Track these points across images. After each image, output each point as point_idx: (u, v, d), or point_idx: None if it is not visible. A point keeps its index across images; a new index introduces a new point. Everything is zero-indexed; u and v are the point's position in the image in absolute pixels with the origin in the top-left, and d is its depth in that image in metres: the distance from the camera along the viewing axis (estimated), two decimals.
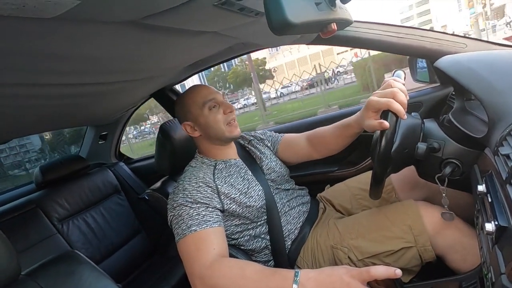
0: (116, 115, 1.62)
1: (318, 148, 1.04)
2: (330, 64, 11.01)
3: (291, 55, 46.03)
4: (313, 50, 42.20)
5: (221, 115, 0.93)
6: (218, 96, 0.95)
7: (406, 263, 0.80)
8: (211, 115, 0.92)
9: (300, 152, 1.08)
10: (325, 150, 1.03)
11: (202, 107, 0.92)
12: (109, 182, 1.73)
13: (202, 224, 0.77)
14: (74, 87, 0.84)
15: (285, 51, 45.09)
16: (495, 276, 0.45)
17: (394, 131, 0.69)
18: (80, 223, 1.51)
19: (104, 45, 0.61)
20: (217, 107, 0.93)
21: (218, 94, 0.96)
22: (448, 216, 0.77)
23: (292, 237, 0.95)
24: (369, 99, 0.76)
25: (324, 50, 39.16)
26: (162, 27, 0.60)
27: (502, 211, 0.47)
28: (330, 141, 0.99)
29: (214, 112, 0.93)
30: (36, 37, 0.49)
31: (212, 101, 0.93)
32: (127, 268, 1.54)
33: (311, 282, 0.61)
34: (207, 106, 0.92)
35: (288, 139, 1.11)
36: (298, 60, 45.57)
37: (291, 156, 1.10)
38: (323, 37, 0.53)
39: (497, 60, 0.80)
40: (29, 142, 20.67)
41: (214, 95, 0.94)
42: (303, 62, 42.87)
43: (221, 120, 0.93)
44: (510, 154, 0.49)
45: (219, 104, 0.94)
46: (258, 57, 38.48)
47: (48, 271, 0.68)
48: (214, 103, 0.93)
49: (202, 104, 0.92)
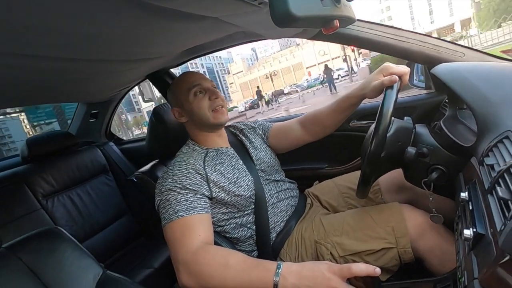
0: (109, 94, 1.59)
1: (312, 130, 1.06)
2: (286, 82, 11.59)
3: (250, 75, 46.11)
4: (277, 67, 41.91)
5: (206, 101, 0.94)
6: (204, 83, 0.96)
7: (385, 262, 0.82)
8: (196, 101, 0.93)
9: (292, 136, 1.09)
10: (319, 129, 1.05)
11: (187, 92, 0.93)
12: (97, 161, 1.71)
13: (189, 210, 0.78)
14: (68, 62, 0.82)
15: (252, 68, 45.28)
16: (468, 280, 0.46)
17: (386, 133, 0.70)
18: (65, 200, 1.49)
19: (101, 22, 0.59)
20: (203, 93, 0.94)
21: (204, 80, 0.97)
22: (437, 219, 0.78)
23: (277, 229, 0.96)
24: (385, 63, 0.85)
25: (294, 65, 38.94)
26: (162, 7, 0.58)
27: (481, 219, 0.48)
28: (326, 117, 1.01)
29: (199, 98, 0.94)
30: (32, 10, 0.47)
31: (198, 87, 0.94)
32: (111, 249, 1.54)
33: (292, 275, 0.62)
34: (193, 92, 0.93)
35: (279, 125, 1.13)
36: (250, 81, 45.55)
37: (283, 142, 1.11)
38: (325, 33, 0.53)
39: (493, 71, 0.82)
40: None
41: (200, 81, 0.95)
42: (255, 84, 43.01)
43: (206, 106, 0.93)
44: (495, 165, 0.51)
45: (205, 90, 0.95)
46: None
47: (30, 246, 0.67)
48: (199, 89, 0.94)
49: (188, 90, 0.93)
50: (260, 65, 46.59)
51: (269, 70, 42.39)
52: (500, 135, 0.56)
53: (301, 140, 1.09)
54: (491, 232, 0.44)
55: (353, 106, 0.96)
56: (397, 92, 0.75)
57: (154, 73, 1.46)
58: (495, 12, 18.97)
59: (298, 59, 41.11)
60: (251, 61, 48.25)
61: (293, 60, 41.83)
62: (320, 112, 1.03)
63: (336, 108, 0.98)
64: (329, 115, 1.00)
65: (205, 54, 1.33)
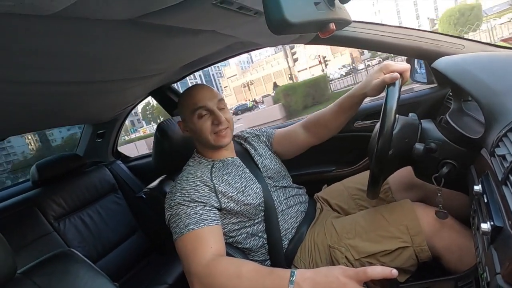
0: (113, 113, 1.61)
1: (316, 132, 1.05)
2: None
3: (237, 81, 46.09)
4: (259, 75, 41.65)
5: (209, 124, 0.92)
6: (210, 103, 0.92)
7: (402, 262, 0.80)
8: (199, 123, 0.92)
9: (297, 140, 1.08)
10: (323, 131, 1.04)
11: (192, 113, 0.92)
12: (106, 180, 1.72)
13: (199, 223, 0.77)
14: (70, 85, 0.84)
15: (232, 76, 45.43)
16: (490, 276, 0.45)
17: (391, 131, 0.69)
18: (76, 221, 1.50)
19: (101, 43, 0.60)
20: (207, 115, 0.92)
21: (210, 100, 0.92)
22: (442, 215, 0.78)
23: (289, 237, 0.95)
24: (386, 62, 0.86)
25: (285, 68, 39.00)
26: (160, 25, 0.59)
27: (497, 212, 0.47)
28: (329, 118, 1.01)
29: (203, 120, 0.92)
30: (33, 35, 0.48)
31: (202, 109, 0.91)
32: (124, 267, 1.54)
33: (307, 282, 0.61)
34: (197, 114, 0.92)
35: (282, 131, 1.13)
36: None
37: (288, 148, 1.10)
38: (321, 36, 0.53)
39: (495, 61, 0.81)
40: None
41: (205, 102, 0.91)
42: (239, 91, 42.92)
43: (208, 130, 0.92)
44: (506, 155, 0.50)
45: (210, 112, 0.92)
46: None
47: (44, 270, 0.67)
48: (204, 111, 0.92)
49: (193, 111, 0.92)
50: (253, 69, 46.47)
51: (248, 80, 42.29)
52: (509, 125, 0.55)
53: (306, 143, 1.08)
54: (509, 224, 0.42)
55: (355, 106, 0.95)
56: (400, 89, 0.75)
57: (156, 90, 1.48)
58: (455, 26, 19.92)
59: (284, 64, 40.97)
60: (247, 64, 48.38)
61: (279, 66, 41.53)
62: (322, 114, 1.03)
63: (338, 109, 0.97)
64: (332, 117, 1.00)
65: (205, 67, 1.35)
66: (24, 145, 20.31)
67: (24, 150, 18.26)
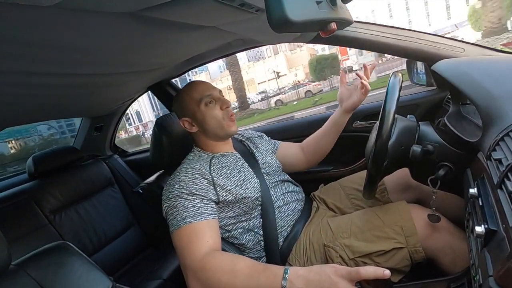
0: (112, 107, 1.60)
1: (311, 158, 1.15)
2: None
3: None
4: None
5: (218, 111, 0.95)
6: (215, 92, 0.97)
7: (396, 263, 0.81)
8: (208, 111, 0.94)
9: (295, 164, 1.16)
10: (318, 157, 1.15)
11: (199, 103, 0.94)
12: (103, 174, 1.72)
13: (196, 216, 0.78)
14: (68, 78, 0.83)
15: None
16: (483, 278, 0.45)
17: (390, 132, 0.69)
18: (72, 214, 1.50)
19: (100, 36, 0.60)
20: (213, 103, 0.95)
21: (215, 90, 0.98)
22: (435, 218, 0.78)
23: (284, 234, 0.96)
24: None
25: (247, 80, 38.54)
26: (160, 19, 0.59)
27: (492, 215, 0.48)
28: (326, 143, 1.12)
29: (210, 107, 0.94)
30: (32, 26, 0.48)
31: (209, 96, 0.94)
32: (119, 261, 1.54)
33: (299, 280, 0.62)
34: (204, 102, 0.94)
35: (285, 147, 1.18)
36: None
37: (283, 163, 1.15)
38: (322, 36, 0.53)
39: (494, 65, 0.81)
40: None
41: (211, 91, 0.96)
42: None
43: (219, 115, 0.94)
44: (503, 159, 0.50)
45: (216, 100, 0.96)
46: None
47: (39, 262, 0.67)
48: (210, 99, 0.95)
49: (199, 100, 0.94)
50: (223, 77, 45.90)
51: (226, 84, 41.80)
52: (506, 129, 0.55)
53: (295, 167, 1.17)
54: (503, 227, 0.43)
55: (342, 126, 1.10)
56: (399, 90, 0.75)
57: (155, 85, 1.47)
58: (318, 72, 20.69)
59: (251, 75, 40.64)
60: (223, 69, 48.11)
61: (249, 75, 41.19)
62: (318, 140, 1.13)
63: (334, 131, 1.10)
64: (328, 140, 1.11)
65: (205, 63, 1.35)
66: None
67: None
